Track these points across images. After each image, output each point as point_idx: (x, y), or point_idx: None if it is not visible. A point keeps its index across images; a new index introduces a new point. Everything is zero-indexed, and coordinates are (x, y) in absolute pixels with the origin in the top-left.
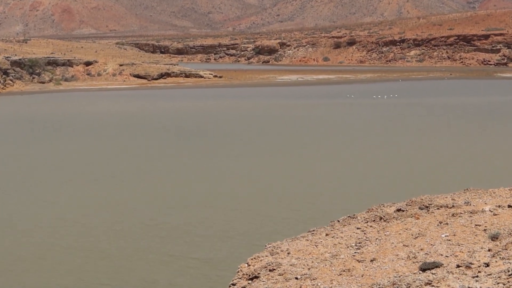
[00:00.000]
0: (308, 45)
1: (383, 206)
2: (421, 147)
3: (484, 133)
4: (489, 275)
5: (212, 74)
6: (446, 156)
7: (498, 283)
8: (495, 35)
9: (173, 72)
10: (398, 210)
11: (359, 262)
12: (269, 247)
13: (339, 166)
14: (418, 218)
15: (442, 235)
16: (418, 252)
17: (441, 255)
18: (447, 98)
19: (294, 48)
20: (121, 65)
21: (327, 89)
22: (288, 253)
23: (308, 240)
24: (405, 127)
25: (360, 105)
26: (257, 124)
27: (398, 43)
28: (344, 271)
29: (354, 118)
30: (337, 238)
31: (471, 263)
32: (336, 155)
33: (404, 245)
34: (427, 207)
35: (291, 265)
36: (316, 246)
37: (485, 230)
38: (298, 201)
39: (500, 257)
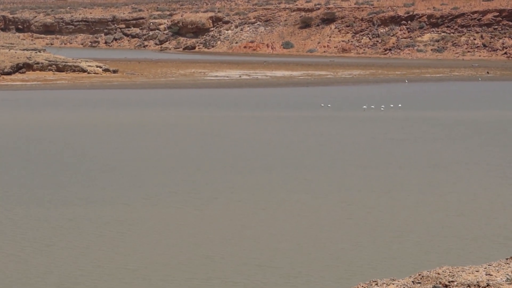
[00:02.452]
0: (258, 23)
1: (377, 284)
2: (437, 191)
3: None
4: None
5: (101, 67)
6: (476, 206)
7: None
8: None
9: (38, 63)
10: None
11: None
12: None
13: (308, 222)
14: None
15: None
16: None
17: None
18: (482, 112)
19: (236, 26)
20: None
21: (288, 94)
22: None
23: None
24: (413, 159)
25: (342, 121)
26: (171, 152)
27: (403, 22)
28: None
29: (332, 144)
30: None
31: None
32: (303, 205)
33: None
34: (446, 286)
35: None
36: None
37: None
38: (248, 274)
39: None
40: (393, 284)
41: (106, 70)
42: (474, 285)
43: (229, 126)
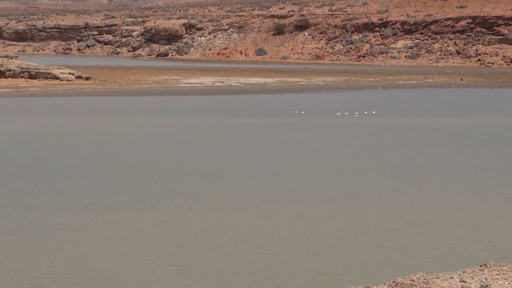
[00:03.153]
0: (232, 29)
1: None
2: (412, 199)
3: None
4: None
5: (74, 74)
6: (449, 213)
7: None
8: None
9: (10, 70)
10: None
11: None
12: None
13: (278, 230)
14: None
15: None
16: None
17: None
18: (455, 119)
19: (210, 33)
20: None
21: (262, 101)
22: None
23: None
24: (386, 166)
25: (315, 128)
26: (141, 159)
27: (377, 28)
28: None
29: (305, 151)
30: None
31: None
32: (273, 212)
33: None
34: None
35: None
36: None
37: None
38: (216, 284)
39: None
40: None
41: (78, 77)
42: None
43: (201, 133)
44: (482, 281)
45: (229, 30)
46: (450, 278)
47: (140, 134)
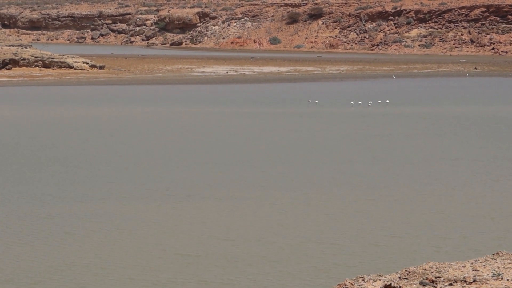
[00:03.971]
0: (245, 18)
1: (363, 279)
2: (425, 188)
3: None
4: None
5: (88, 63)
6: (463, 202)
7: None
8: None
9: (24, 59)
10: (387, 286)
11: None
12: None
13: (290, 219)
14: None
15: None
16: None
17: None
18: (468, 108)
19: (223, 22)
20: None
21: (275, 90)
22: None
23: None
24: (401, 155)
25: (329, 117)
26: (154, 148)
27: (391, 17)
28: None
29: (318, 140)
30: None
31: None
32: (284, 202)
33: None
34: (433, 281)
35: None
36: None
37: None
38: (229, 273)
39: None
40: (380, 280)
41: (92, 66)
42: (461, 281)
43: (215, 122)
44: (494, 269)
45: (243, 19)
46: (463, 267)
47: (154, 123)
